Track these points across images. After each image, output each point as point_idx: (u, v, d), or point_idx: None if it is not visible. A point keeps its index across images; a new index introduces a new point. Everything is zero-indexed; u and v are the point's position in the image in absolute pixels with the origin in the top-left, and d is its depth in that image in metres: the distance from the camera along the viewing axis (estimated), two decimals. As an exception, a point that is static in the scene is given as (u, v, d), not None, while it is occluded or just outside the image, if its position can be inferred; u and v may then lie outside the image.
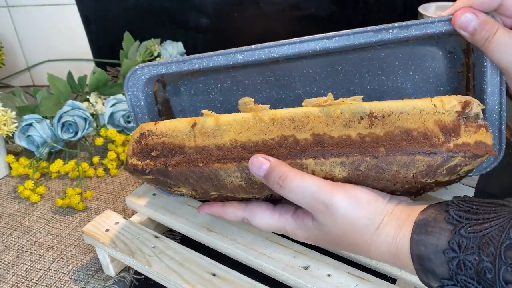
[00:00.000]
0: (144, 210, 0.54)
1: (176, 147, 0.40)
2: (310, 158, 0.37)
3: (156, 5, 0.93)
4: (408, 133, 0.35)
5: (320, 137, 0.37)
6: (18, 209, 0.65)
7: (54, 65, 1.01)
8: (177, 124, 0.41)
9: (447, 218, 0.32)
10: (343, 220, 0.36)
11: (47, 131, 0.72)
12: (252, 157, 0.38)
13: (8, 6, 0.95)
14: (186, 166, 0.40)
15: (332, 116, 0.37)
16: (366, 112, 0.36)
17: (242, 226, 0.50)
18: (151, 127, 0.41)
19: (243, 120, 0.39)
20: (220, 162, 0.39)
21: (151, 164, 0.41)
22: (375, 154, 0.36)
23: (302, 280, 0.43)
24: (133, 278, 0.52)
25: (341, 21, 0.92)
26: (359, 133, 0.36)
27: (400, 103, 0.36)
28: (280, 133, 0.38)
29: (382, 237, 0.35)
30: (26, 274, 0.54)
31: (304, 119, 0.38)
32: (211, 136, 0.39)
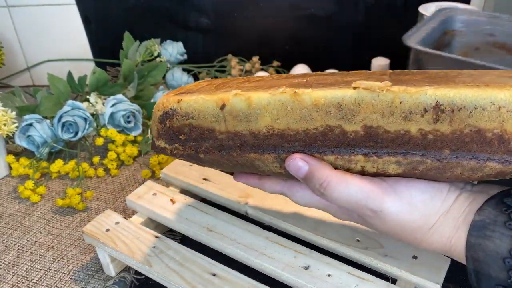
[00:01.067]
0: (144, 210, 0.54)
1: (205, 131, 0.36)
2: (361, 154, 0.32)
3: (156, 5, 0.93)
4: (481, 134, 0.29)
5: (373, 130, 0.31)
6: (19, 209, 0.65)
7: (54, 65, 1.01)
8: (203, 104, 0.36)
9: (508, 223, 0.30)
10: (393, 223, 0.33)
11: (47, 131, 0.72)
12: (289, 158, 0.34)
13: (8, 6, 0.95)
14: (219, 154, 0.37)
15: (389, 106, 0.31)
16: (432, 103, 0.30)
17: (242, 227, 0.50)
18: (174, 105, 0.37)
19: (281, 104, 0.33)
20: (257, 153, 0.35)
21: (180, 149, 0.38)
22: (437, 157, 0.31)
23: (302, 280, 0.43)
24: (133, 278, 0.52)
25: (341, 21, 0.92)
26: (420, 129, 0.30)
27: (476, 92, 0.29)
28: (324, 122, 0.32)
29: (435, 237, 0.33)
30: (27, 274, 0.54)
31: (354, 107, 0.31)
32: (243, 121, 0.34)
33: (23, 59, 1.01)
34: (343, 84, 0.33)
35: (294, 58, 0.93)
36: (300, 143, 0.34)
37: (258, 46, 0.96)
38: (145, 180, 0.69)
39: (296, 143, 0.34)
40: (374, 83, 0.31)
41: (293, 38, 0.95)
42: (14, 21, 0.96)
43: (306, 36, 0.94)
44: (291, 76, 0.39)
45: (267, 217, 0.52)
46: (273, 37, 0.95)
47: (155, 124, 0.39)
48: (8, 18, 0.96)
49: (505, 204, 0.31)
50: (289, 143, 0.34)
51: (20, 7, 0.95)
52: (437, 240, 0.33)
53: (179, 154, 0.38)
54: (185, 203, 0.54)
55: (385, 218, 0.33)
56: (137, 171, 0.72)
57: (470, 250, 0.31)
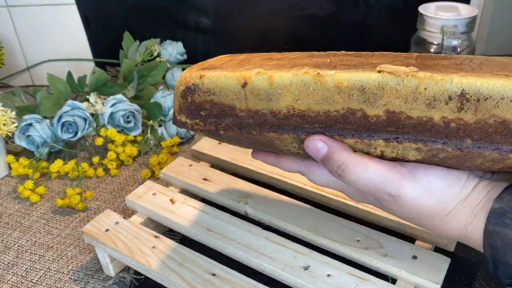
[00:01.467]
0: (144, 210, 0.54)
1: (226, 108, 0.36)
2: (381, 139, 0.32)
3: (156, 5, 0.93)
4: (505, 125, 0.29)
5: (395, 115, 0.31)
6: (18, 209, 0.65)
7: (54, 65, 1.00)
8: (225, 81, 0.36)
9: None
10: (411, 208, 0.33)
11: (47, 131, 0.72)
12: (308, 138, 0.34)
13: (8, 6, 0.95)
14: (239, 131, 0.37)
15: (413, 92, 0.30)
16: (457, 91, 0.29)
17: (242, 227, 0.50)
18: (197, 80, 0.37)
19: (303, 84, 0.33)
20: (276, 132, 0.35)
21: (200, 124, 0.38)
22: (459, 146, 0.30)
23: (302, 280, 0.42)
24: (133, 278, 0.52)
25: (341, 21, 0.92)
26: (443, 117, 0.30)
27: (504, 82, 0.28)
28: (346, 105, 0.32)
29: (452, 224, 0.33)
30: (26, 274, 0.54)
31: (378, 91, 0.31)
32: (264, 100, 0.34)
33: (23, 59, 1.01)
34: (367, 66, 0.32)
35: (294, 58, 0.93)
36: (321, 125, 0.34)
37: (258, 46, 0.96)
38: (144, 180, 0.69)
39: (316, 125, 0.34)
40: (399, 67, 0.30)
41: (293, 38, 0.95)
42: (14, 21, 0.96)
43: (306, 36, 0.94)
44: (316, 54, 0.39)
45: (267, 217, 0.52)
46: (273, 37, 0.95)
47: (177, 99, 0.39)
48: (8, 18, 0.96)
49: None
50: (309, 124, 0.34)
51: (20, 7, 0.95)
52: (454, 227, 0.33)
53: (200, 129, 0.39)
54: (185, 203, 0.54)
55: (403, 203, 0.33)
56: (136, 171, 0.72)
57: (488, 237, 0.31)
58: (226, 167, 0.63)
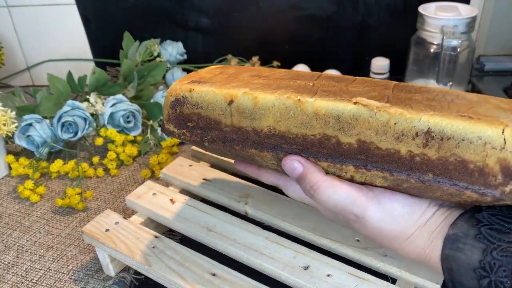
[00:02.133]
0: (144, 210, 0.54)
1: (212, 122, 0.39)
2: (351, 165, 0.34)
3: (156, 5, 0.93)
4: (464, 165, 0.31)
5: (366, 145, 0.33)
6: (18, 209, 0.65)
7: (54, 65, 1.00)
8: (213, 97, 0.38)
9: (478, 236, 0.32)
10: (374, 230, 0.35)
11: (47, 131, 0.72)
12: (286, 158, 0.36)
13: (8, 6, 0.95)
14: (222, 145, 0.39)
15: (384, 125, 0.33)
16: (424, 129, 0.31)
17: (242, 226, 0.50)
18: (186, 93, 0.39)
19: (284, 108, 0.35)
20: (257, 149, 0.37)
21: (187, 135, 0.40)
22: (421, 178, 0.32)
23: (302, 280, 0.43)
24: (133, 278, 0.52)
25: (341, 21, 0.92)
26: (409, 151, 0.32)
27: (467, 125, 0.31)
28: (322, 130, 0.35)
29: (411, 247, 0.35)
30: (26, 274, 0.54)
31: (352, 121, 0.33)
32: (248, 118, 0.37)
33: (23, 59, 1.01)
34: (346, 95, 0.35)
35: (294, 58, 0.93)
36: (298, 147, 0.36)
37: (258, 46, 0.96)
38: (144, 180, 0.69)
39: (294, 146, 0.36)
40: (373, 102, 0.33)
41: (293, 38, 0.95)
42: (14, 21, 0.96)
43: (306, 36, 0.94)
44: (301, 75, 0.41)
45: (267, 217, 0.52)
46: (273, 37, 0.95)
47: (167, 108, 0.41)
48: (8, 18, 0.96)
49: (476, 219, 0.33)
50: (288, 145, 0.36)
51: (20, 7, 0.95)
52: (413, 250, 0.35)
53: (186, 139, 0.41)
54: (185, 203, 0.54)
55: (367, 224, 0.35)
56: (136, 171, 0.72)
57: (445, 261, 0.33)
58: (226, 167, 0.63)
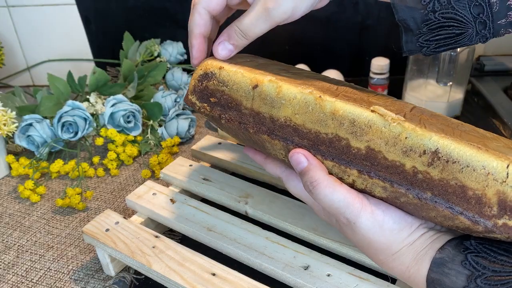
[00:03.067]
0: (144, 210, 0.54)
1: (233, 102, 0.40)
2: (355, 169, 0.35)
3: (156, 5, 0.93)
4: (463, 190, 0.32)
5: (373, 153, 0.34)
6: (18, 209, 0.65)
7: (54, 65, 1.01)
8: (240, 78, 0.39)
9: (464, 262, 0.32)
10: (362, 238, 0.36)
11: (47, 131, 0.72)
12: (293, 151, 0.37)
13: (8, 6, 0.95)
14: (238, 125, 0.40)
15: (395, 137, 0.33)
16: (432, 148, 0.32)
17: (242, 226, 0.50)
18: (216, 70, 0.41)
19: (304, 102, 0.36)
20: (269, 136, 0.38)
21: (207, 109, 0.42)
22: (419, 195, 0.33)
23: (302, 280, 0.43)
24: (133, 278, 0.52)
25: (341, 21, 0.92)
26: (414, 166, 0.33)
27: (474, 153, 0.31)
28: (335, 131, 0.35)
29: (396, 263, 0.36)
30: (26, 274, 0.54)
31: (365, 128, 0.34)
32: (268, 105, 0.38)
33: (23, 59, 1.01)
34: (365, 103, 0.36)
35: (294, 58, 0.93)
36: (309, 142, 0.37)
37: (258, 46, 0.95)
38: (145, 180, 0.69)
39: (305, 141, 0.37)
40: (389, 113, 0.34)
41: (293, 38, 0.95)
42: (14, 21, 0.96)
43: (306, 36, 0.94)
44: (327, 79, 0.42)
45: (267, 217, 0.52)
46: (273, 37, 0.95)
47: (194, 80, 0.42)
48: (8, 18, 0.96)
49: (464, 245, 0.33)
50: (300, 138, 0.37)
51: (20, 7, 0.95)
52: (397, 267, 0.36)
53: (205, 113, 0.42)
54: (185, 203, 0.54)
55: (357, 230, 0.36)
56: (137, 171, 0.72)
57: (430, 284, 0.34)
58: (226, 167, 0.63)
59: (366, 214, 0.35)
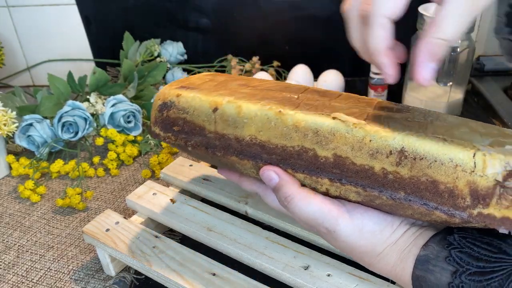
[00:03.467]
0: (144, 210, 0.54)
1: (196, 127, 0.40)
2: (327, 178, 0.35)
3: (156, 5, 0.93)
4: (435, 185, 0.32)
5: (341, 160, 0.34)
6: (19, 209, 0.65)
7: (54, 65, 1.00)
8: (199, 103, 0.40)
9: (448, 259, 0.32)
10: (344, 244, 0.36)
11: (47, 131, 0.72)
12: (263, 168, 0.37)
13: (8, 6, 0.95)
14: (205, 150, 0.40)
15: (359, 142, 0.34)
16: (398, 148, 0.32)
17: (242, 226, 0.50)
18: (174, 98, 0.41)
19: (266, 119, 0.37)
20: (238, 157, 0.38)
21: (172, 138, 0.42)
22: (393, 196, 0.33)
23: (302, 280, 0.43)
24: (133, 278, 0.52)
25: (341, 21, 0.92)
26: (383, 168, 0.33)
27: (439, 147, 0.32)
28: (301, 143, 0.36)
29: (381, 264, 0.36)
30: (27, 274, 0.54)
31: (329, 136, 0.34)
32: (231, 126, 0.38)
33: (23, 59, 1.01)
34: (328, 109, 0.36)
35: (294, 58, 0.93)
36: (277, 157, 0.37)
37: (258, 46, 0.96)
38: (145, 180, 0.69)
39: (274, 156, 0.37)
40: (350, 118, 0.34)
41: (293, 38, 0.95)
42: (14, 21, 0.96)
43: (306, 37, 0.94)
44: (289, 88, 0.42)
45: (267, 217, 0.52)
46: (273, 37, 0.95)
47: (154, 111, 0.42)
48: (8, 18, 0.96)
49: (447, 241, 0.33)
50: (268, 155, 0.37)
51: (20, 7, 0.95)
52: (383, 267, 0.36)
53: (171, 143, 0.42)
54: (185, 203, 0.54)
55: (337, 238, 0.36)
56: (137, 171, 0.72)
57: (415, 281, 0.34)
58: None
59: (344, 220, 0.35)
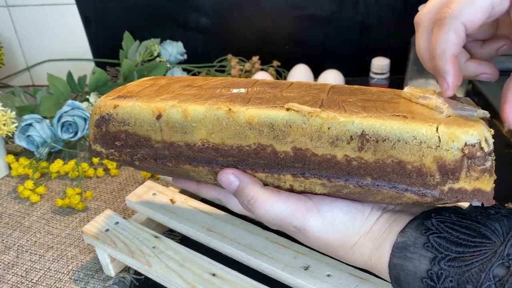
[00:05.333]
0: (144, 210, 0.54)
1: (141, 139, 0.37)
2: (289, 174, 0.33)
3: (156, 5, 0.93)
4: (402, 166, 0.31)
5: (302, 152, 0.33)
6: (18, 209, 0.65)
7: (54, 65, 1.00)
8: (140, 112, 0.36)
9: (426, 245, 0.31)
10: (316, 240, 0.35)
11: (47, 131, 0.72)
12: (221, 172, 0.35)
13: (8, 6, 0.95)
14: (154, 163, 0.37)
15: (317, 131, 0.32)
16: (358, 132, 0.31)
17: (242, 227, 0.50)
18: (111, 110, 0.37)
19: (216, 119, 0.34)
20: (191, 164, 0.36)
21: (116, 154, 0.38)
22: (359, 183, 0.32)
23: (302, 280, 0.42)
24: (133, 278, 0.52)
25: (341, 21, 0.92)
26: (346, 155, 0.32)
27: (401, 125, 0.30)
28: (257, 140, 0.33)
29: (356, 255, 0.35)
30: (26, 274, 0.54)
31: (286, 129, 0.32)
32: (179, 132, 0.35)
33: (23, 59, 1.01)
34: (280, 100, 0.34)
35: (294, 58, 0.93)
36: (234, 159, 0.35)
37: (258, 46, 0.96)
38: (144, 180, 0.69)
39: (230, 158, 0.35)
40: (305, 107, 0.32)
41: (293, 38, 0.95)
42: (14, 21, 0.96)
43: (306, 36, 0.94)
44: (236, 83, 0.40)
45: (267, 217, 0.52)
46: (273, 37, 0.95)
47: (92, 128, 0.39)
48: (8, 18, 0.96)
49: (425, 226, 0.32)
50: (223, 158, 0.35)
51: (20, 7, 0.95)
52: (359, 258, 0.35)
53: (115, 160, 0.39)
54: (185, 203, 0.54)
55: (308, 235, 0.34)
56: (136, 171, 0.72)
57: (393, 269, 0.32)
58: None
59: (313, 215, 0.34)
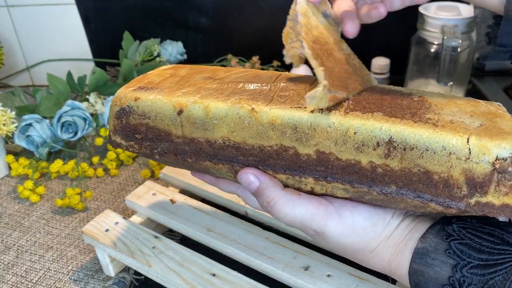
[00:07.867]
0: (144, 210, 0.54)
1: (162, 133, 0.36)
2: (311, 177, 0.33)
3: (156, 5, 0.93)
4: (428, 176, 0.30)
5: (325, 156, 0.32)
6: (18, 209, 0.65)
7: (54, 65, 1.00)
8: (161, 106, 0.35)
9: (448, 251, 0.31)
10: (335, 244, 0.34)
11: (47, 131, 0.72)
12: (241, 171, 0.34)
13: (8, 6, 0.94)
14: (174, 157, 0.36)
15: (343, 135, 0.31)
16: (385, 138, 0.30)
17: (242, 227, 0.50)
18: (132, 102, 0.36)
19: (238, 118, 0.33)
20: (211, 162, 0.35)
21: (135, 147, 0.38)
22: (383, 190, 0.31)
23: (302, 280, 0.42)
24: (133, 279, 0.52)
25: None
26: (371, 161, 0.31)
27: (430, 134, 0.29)
28: (279, 141, 0.33)
29: (376, 260, 0.35)
30: (26, 274, 0.54)
31: (309, 131, 0.31)
32: (200, 128, 0.34)
33: (23, 59, 1.01)
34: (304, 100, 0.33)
35: (294, 58, 0.93)
36: (255, 158, 0.34)
37: (258, 46, 0.96)
38: (144, 180, 0.69)
39: (251, 158, 0.34)
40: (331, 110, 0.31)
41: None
42: (14, 21, 0.96)
43: (306, 36, 0.94)
44: (258, 76, 0.39)
45: (267, 217, 0.52)
46: (273, 37, 0.95)
47: (112, 119, 0.38)
48: (8, 18, 0.96)
49: (446, 232, 0.32)
50: (244, 157, 0.34)
51: (20, 7, 0.94)
52: (378, 263, 0.35)
53: (135, 152, 0.38)
54: (185, 203, 0.54)
55: (328, 239, 0.34)
56: (136, 171, 0.72)
57: (413, 275, 0.32)
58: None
59: (334, 220, 0.33)
